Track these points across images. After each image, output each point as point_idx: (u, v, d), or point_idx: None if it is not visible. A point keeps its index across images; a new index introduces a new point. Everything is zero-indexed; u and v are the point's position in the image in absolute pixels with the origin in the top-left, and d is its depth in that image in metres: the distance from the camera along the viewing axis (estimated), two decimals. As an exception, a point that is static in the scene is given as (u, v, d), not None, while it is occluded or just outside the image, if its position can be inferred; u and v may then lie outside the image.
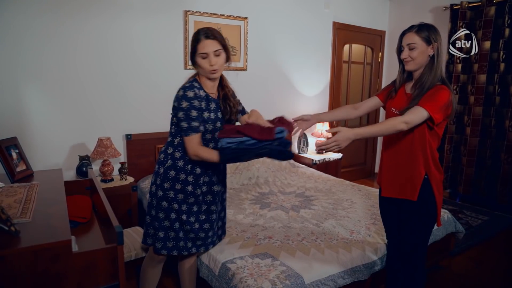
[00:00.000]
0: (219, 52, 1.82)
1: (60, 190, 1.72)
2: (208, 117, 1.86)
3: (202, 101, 1.84)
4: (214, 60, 1.80)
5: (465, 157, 4.47)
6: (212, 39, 1.80)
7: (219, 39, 1.83)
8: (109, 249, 1.37)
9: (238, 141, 1.71)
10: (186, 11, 3.60)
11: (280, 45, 4.39)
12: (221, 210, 2.12)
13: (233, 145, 1.71)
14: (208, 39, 1.80)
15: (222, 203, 2.12)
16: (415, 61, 1.85)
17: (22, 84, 2.94)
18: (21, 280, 1.12)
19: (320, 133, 4.55)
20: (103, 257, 1.35)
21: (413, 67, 1.87)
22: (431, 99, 1.76)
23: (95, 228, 1.78)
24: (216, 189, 2.01)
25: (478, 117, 4.35)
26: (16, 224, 1.25)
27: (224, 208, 2.17)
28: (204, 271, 2.20)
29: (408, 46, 1.85)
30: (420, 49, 1.83)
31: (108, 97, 3.32)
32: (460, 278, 2.88)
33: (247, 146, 1.70)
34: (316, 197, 3.27)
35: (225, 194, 2.16)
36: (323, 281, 2.01)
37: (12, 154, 1.90)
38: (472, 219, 3.98)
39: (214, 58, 1.81)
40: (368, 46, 5.34)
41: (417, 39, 1.83)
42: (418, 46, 1.83)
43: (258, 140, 1.69)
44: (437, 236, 2.73)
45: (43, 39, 2.96)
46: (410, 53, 1.85)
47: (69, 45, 3.09)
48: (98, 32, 3.18)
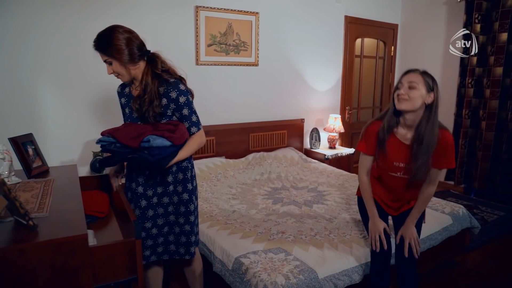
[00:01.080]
0: (109, 61, 1.74)
1: (75, 185, 1.74)
2: (123, 112, 1.96)
3: (122, 96, 1.94)
4: (108, 69, 1.76)
5: (480, 152, 4.40)
6: (97, 49, 1.74)
7: (101, 48, 1.72)
8: (128, 243, 1.38)
9: (109, 141, 1.69)
10: (197, 6, 3.60)
11: (291, 40, 4.36)
12: (163, 225, 1.91)
13: (106, 145, 1.69)
14: (96, 49, 1.74)
15: (163, 216, 1.91)
16: (411, 102, 1.79)
17: (38, 81, 2.98)
18: (40, 272, 1.14)
19: (332, 128, 4.52)
20: (122, 251, 1.37)
21: (405, 107, 1.80)
22: (449, 155, 1.85)
23: (113, 222, 1.80)
24: (140, 191, 1.89)
25: (494, 111, 4.27)
26: (34, 218, 1.27)
27: (172, 223, 1.92)
28: (217, 265, 2.21)
29: (409, 84, 1.80)
30: (420, 92, 1.78)
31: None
32: (475, 274, 2.84)
33: (116, 149, 1.67)
34: (329, 192, 3.26)
35: (179, 206, 1.90)
36: (337, 276, 2.00)
37: (28, 150, 1.92)
38: (488, 215, 3.92)
39: (108, 67, 1.76)
40: (381, 40, 5.28)
41: (421, 80, 1.79)
42: (420, 87, 1.78)
43: (125, 145, 1.66)
44: (452, 232, 2.69)
45: (58, 36, 2.99)
46: (409, 91, 1.79)
47: (83, 42, 3.11)
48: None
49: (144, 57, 1.81)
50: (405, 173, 1.93)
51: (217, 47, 3.81)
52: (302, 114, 4.62)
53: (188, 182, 1.91)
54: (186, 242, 1.92)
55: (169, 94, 1.78)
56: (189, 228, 1.91)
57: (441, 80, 4.91)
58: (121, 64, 1.74)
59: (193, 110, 1.84)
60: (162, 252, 1.94)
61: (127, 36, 1.74)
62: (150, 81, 1.78)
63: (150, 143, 1.62)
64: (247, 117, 4.15)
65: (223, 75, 3.91)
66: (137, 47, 1.76)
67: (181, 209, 1.90)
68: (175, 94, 1.78)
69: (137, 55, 1.76)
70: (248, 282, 1.93)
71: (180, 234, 1.91)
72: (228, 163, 3.72)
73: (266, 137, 4.25)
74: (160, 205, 1.90)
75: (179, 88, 1.79)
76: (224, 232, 2.40)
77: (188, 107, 1.81)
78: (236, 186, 3.38)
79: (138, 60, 1.78)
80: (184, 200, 1.89)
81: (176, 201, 1.90)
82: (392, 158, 1.91)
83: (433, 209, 2.84)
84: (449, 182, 4.85)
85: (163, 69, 1.81)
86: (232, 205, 2.91)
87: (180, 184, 1.89)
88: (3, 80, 2.84)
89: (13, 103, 2.90)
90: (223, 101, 3.96)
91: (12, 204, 1.20)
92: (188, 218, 1.91)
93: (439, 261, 2.75)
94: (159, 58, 1.83)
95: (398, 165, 1.92)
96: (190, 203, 1.91)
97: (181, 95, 1.78)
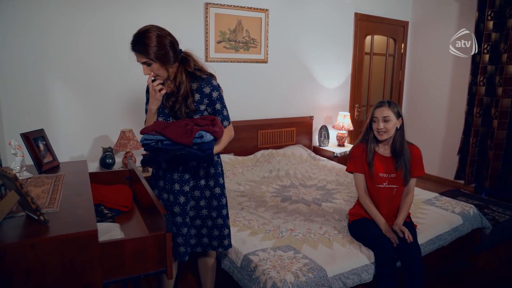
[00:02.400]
0: (150, 62, 1.72)
1: (85, 181, 1.75)
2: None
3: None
4: (145, 70, 1.75)
5: (491, 151, 4.34)
6: (136, 51, 1.71)
7: (142, 50, 1.69)
8: (158, 236, 1.41)
9: (156, 139, 1.68)
10: (207, 3, 3.59)
11: (301, 37, 4.33)
12: (194, 217, 1.95)
13: (152, 143, 1.69)
14: (134, 51, 1.72)
15: (196, 209, 1.95)
16: (388, 132, 2.22)
17: (49, 78, 3.00)
18: (50, 267, 1.15)
19: (341, 125, 4.49)
20: (152, 244, 1.39)
21: (385, 137, 2.24)
22: (419, 166, 2.30)
23: (137, 216, 1.83)
24: (177, 189, 1.88)
25: (506, 110, 4.20)
26: (45, 213, 1.27)
27: (204, 217, 1.95)
28: (226, 262, 2.21)
29: (383, 119, 2.21)
30: (393, 122, 2.22)
31: (130, 90, 3.35)
32: (487, 275, 2.80)
33: (164, 146, 1.68)
34: (338, 190, 3.24)
35: (211, 200, 1.94)
36: (346, 274, 1.99)
37: (39, 146, 1.93)
38: (499, 215, 3.86)
39: (145, 68, 1.74)
40: (391, 37, 5.22)
41: (391, 113, 2.21)
42: (392, 118, 2.21)
43: (176, 142, 1.66)
44: (462, 232, 2.66)
45: (69, 33, 3.01)
46: (385, 124, 2.21)
47: (94, 39, 3.13)
48: (120, 26, 3.20)
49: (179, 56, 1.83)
50: (389, 182, 2.28)
51: (226, 44, 3.80)
52: (311, 111, 4.59)
53: (220, 176, 1.95)
54: (220, 235, 1.96)
55: (202, 90, 1.81)
56: (222, 222, 1.95)
57: (451, 78, 4.85)
58: (163, 65, 1.74)
59: (224, 105, 1.87)
60: (196, 245, 1.97)
61: (170, 38, 1.75)
62: (184, 79, 1.79)
63: (202, 139, 1.66)
64: (256, 114, 4.14)
65: (232, 72, 3.90)
66: (177, 48, 1.79)
67: (214, 203, 1.93)
68: (208, 89, 1.81)
69: (177, 56, 1.79)
70: (257, 279, 1.92)
71: (213, 227, 1.95)
72: (236, 160, 3.72)
73: (275, 134, 4.24)
74: (192, 199, 1.92)
75: (212, 84, 1.82)
76: (233, 229, 2.39)
77: (220, 102, 1.84)
78: (244, 184, 3.38)
79: (177, 60, 1.80)
80: (217, 194, 1.93)
81: (209, 195, 1.93)
82: (377, 171, 2.28)
83: (443, 208, 2.81)
84: (459, 181, 4.80)
85: (195, 67, 1.83)
86: (241, 202, 2.91)
87: (212, 179, 1.92)
88: (15, 77, 2.87)
89: (25, 100, 2.93)
90: (232, 98, 3.94)
91: (23, 199, 1.21)
92: (221, 212, 1.94)
93: (449, 262, 2.71)
94: (191, 57, 1.85)
95: (382, 176, 2.28)
96: (222, 197, 1.94)
97: (214, 90, 1.82)
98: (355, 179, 2.38)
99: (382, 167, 2.28)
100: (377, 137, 2.25)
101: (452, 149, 4.88)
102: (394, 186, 2.29)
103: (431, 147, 5.08)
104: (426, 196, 3.09)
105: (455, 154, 4.79)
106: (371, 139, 2.29)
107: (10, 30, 2.79)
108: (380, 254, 2.10)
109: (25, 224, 1.25)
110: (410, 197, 2.30)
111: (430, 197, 3.08)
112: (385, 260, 2.07)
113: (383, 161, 2.29)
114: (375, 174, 2.28)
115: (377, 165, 2.29)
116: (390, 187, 2.29)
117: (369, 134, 2.30)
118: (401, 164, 2.25)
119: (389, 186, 2.29)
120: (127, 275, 1.37)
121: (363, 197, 2.34)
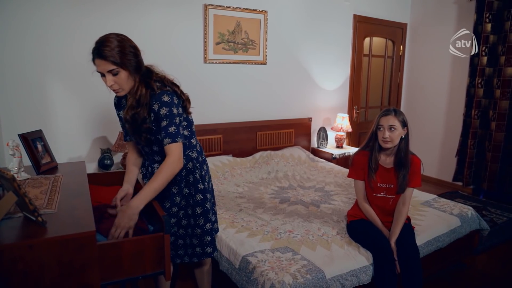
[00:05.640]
0: (117, 71, 1.58)
1: (84, 182, 1.74)
2: (122, 124, 1.88)
3: (120, 109, 1.86)
4: (109, 81, 1.60)
5: (489, 153, 4.35)
6: (102, 58, 1.56)
7: (110, 57, 1.55)
8: (156, 237, 1.41)
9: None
10: (206, 4, 3.59)
11: (299, 39, 4.34)
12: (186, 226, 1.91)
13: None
14: (100, 58, 1.57)
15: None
16: (393, 141, 2.18)
17: (47, 78, 3.00)
18: (48, 268, 1.14)
19: (340, 127, 4.50)
20: (151, 245, 1.39)
21: (390, 145, 2.19)
22: (416, 177, 2.24)
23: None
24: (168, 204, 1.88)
25: (504, 112, 4.22)
26: (43, 214, 1.27)
27: (192, 225, 1.91)
28: (224, 264, 2.21)
29: (389, 127, 2.16)
30: (398, 131, 2.17)
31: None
32: (485, 277, 2.81)
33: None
34: (336, 192, 3.24)
35: (195, 208, 1.89)
36: (345, 276, 1.99)
37: (37, 147, 1.93)
38: (497, 216, 3.87)
39: (109, 78, 1.59)
40: (389, 39, 5.23)
41: (397, 122, 2.16)
42: (398, 127, 2.16)
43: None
44: (460, 234, 2.66)
45: (67, 34, 3.01)
46: (390, 133, 2.16)
47: (91, 40, 3.11)
48: (119, 27, 3.20)
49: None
50: (386, 192, 2.28)
51: (225, 45, 3.80)
52: (309, 113, 4.60)
53: (199, 182, 1.89)
54: (212, 240, 1.93)
55: (152, 107, 1.66)
56: (210, 227, 1.92)
57: (450, 80, 4.87)
58: (130, 74, 1.62)
59: (174, 122, 1.65)
60: (184, 254, 1.93)
61: (134, 44, 1.63)
62: (144, 92, 1.66)
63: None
64: (255, 116, 4.15)
65: (231, 74, 3.91)
66: (141, 57, 1.68)
67: (198, 211, 1.89)
68: (157, 106, 1.65)
69: (142, 66, 1.68)
70: (255, 281, 1.92)
71: (204, 234, 1.90)
72: (235, 161, 3.72)
73: (274, 135, 4.24)
74: (180, 209, 1.89)
75: (162, 100, 1.64)
76: (231, 231, 2.39)
77: (167, 118, 1.64)
78: (243, 185, 3.38)
79: (141, 70, 1.67)
80: (199, 200, 1.88)
81: (192, 202, 1.89)
82: (377, 181, 2.28)
83: (441, 210, 2.81)
84: (457, 183, 4.81)
85: (155, 79, 1.70)
86: (239, 204, 2.90)
87: (192, 186, 1.88)
88: (13, 77, 2.86)
89: (23, 100, 2.92)
90: (231, 99, 3.95)
91: (21, 200, 1.21)
92: (208, 217, 1.90)
93: (447, 263, 2.72)
94: (152, 68, 1.75)
95: (381, 186, 2.27)
96: (205, 202, 1.90)
97: (163, 106, 1.64)
98: (355, 185, 2.38)
99: (381, 178, 2.27)
100: (382, 145, 2.21)
101: (450, 151, 4.89)
102: (391, 196, 2.28)
103: (429, 149, 5.09)
104: (424, 198, 3.09)
105: (453, 156, 4.80)
106: (375, 148, 2.25)
107: (8, 31, 2.79)
108: (378, 255, 2.10)
109: (23, 225, 1.24)
110: (406, 208, 2.25)
111: (428, 198, 3.09)
112: (384, 262, 2.07)
113: (384, 172, 2.28)
114: (374, 183, 2.28)
115: (377, 176, 2.27)
116: (388, 197, 2.29)
117: (374, 142, 2.26)
118: (402, 174, 2.22)
119: (387, 196, 2.29)
120: (125, 276, 1.37)
121: (362, 203, 2.35)
